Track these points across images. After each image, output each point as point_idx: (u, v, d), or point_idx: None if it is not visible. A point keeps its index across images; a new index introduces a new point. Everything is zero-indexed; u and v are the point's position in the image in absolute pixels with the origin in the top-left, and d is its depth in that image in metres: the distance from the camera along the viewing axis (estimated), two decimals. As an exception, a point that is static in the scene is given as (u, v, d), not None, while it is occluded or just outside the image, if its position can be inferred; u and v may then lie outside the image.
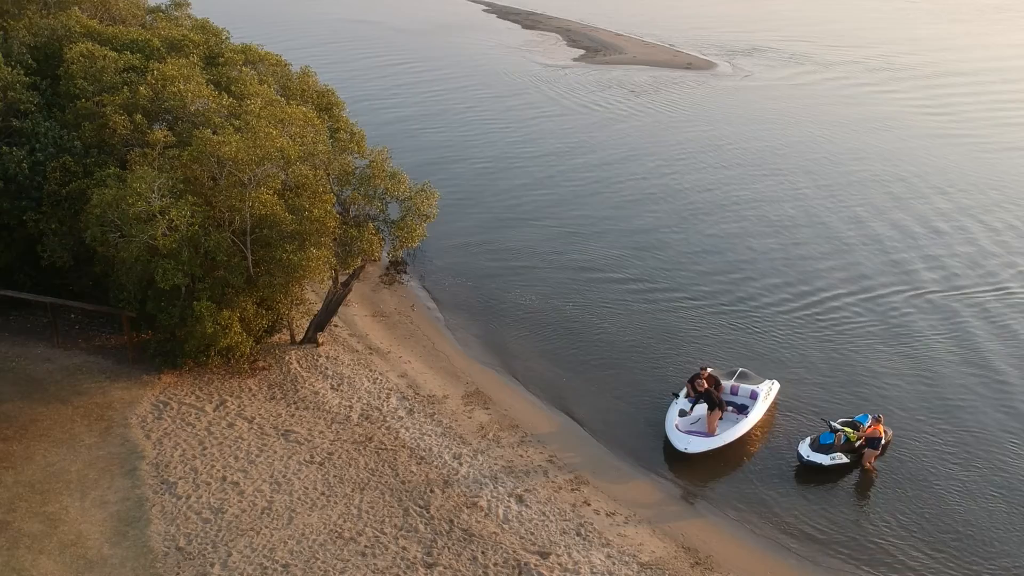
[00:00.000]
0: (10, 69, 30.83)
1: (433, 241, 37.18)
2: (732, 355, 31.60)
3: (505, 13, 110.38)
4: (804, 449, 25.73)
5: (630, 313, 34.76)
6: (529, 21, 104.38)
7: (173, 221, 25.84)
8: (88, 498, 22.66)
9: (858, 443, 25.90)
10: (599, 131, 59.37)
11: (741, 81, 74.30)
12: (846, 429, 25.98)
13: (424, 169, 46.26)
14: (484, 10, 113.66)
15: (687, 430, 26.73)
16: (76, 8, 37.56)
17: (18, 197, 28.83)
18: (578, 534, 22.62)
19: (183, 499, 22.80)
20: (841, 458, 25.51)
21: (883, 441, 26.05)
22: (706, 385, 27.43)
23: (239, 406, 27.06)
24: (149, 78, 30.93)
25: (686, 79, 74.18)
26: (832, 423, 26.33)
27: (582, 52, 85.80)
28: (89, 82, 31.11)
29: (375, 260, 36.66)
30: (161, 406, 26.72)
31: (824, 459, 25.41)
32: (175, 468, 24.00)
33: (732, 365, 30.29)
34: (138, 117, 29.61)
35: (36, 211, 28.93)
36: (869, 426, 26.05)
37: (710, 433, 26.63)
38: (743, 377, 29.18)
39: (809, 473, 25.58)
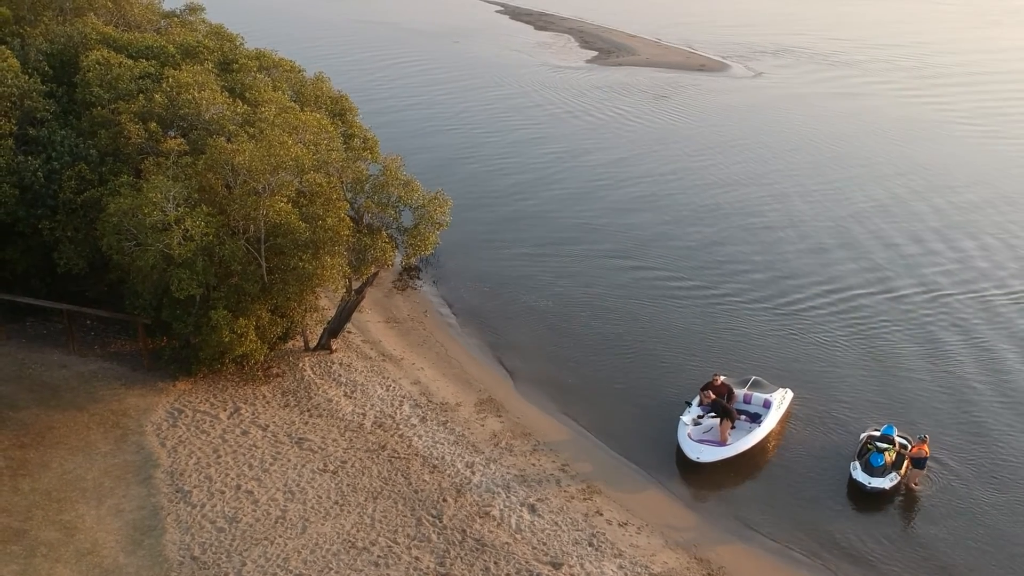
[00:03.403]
0: (27, 77, 31.03)
1: (447, 246, 37.21)
2: (745, 362, 31.51)
3: (518, 14, 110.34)
4: (862, 476, 25.09)
5: (644, 320, 34.72)
6: (542, 22, 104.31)
7: (188, 231, 25.98)
8: (104, 506, 22.82)
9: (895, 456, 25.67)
10: (612, 133, 59.33)
11: (754, 83, 74.11)
12: (885, 445, 25.60)
13: (437, 172, 46.40)
14: (497, 11, 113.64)
15: (699, 439, 26.71)
16: (92, 14, 37.76)
17: (34, 205, 29.02)
18: (590, 544, 22.64)
19: (198, 508, 22.93)
20: (896, 478, 25.15)
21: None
22: (712, 396, 27.39)
23: (253, 413, 27.20)
24: (164, 85, 31.09)
25: (700, 81, 74.01)
26: (878, 443, 25.76)
27: (595, 53, 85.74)
28: (105, 89, 31.26)
29: (388, 266, 36.74)
30: (176, 413, 26.88)
31: (885, 483, 24.90)
32: (190, 476, 24.14)
33: (745, 373, 30.23)
34: (152, 125, 29.77)
35: (52, 219, 29.11)
36: (914, 446, 25.58)
37: (722, 442, 26.60)
38: (756, 385, 29.13)
39: (823, 483, 25.53)
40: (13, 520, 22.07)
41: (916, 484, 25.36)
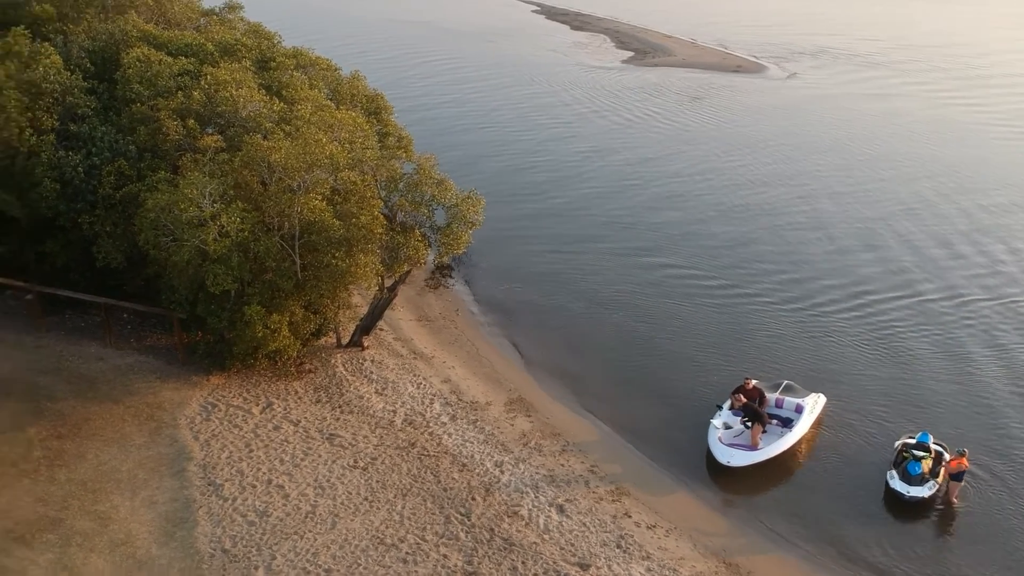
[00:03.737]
0: (69, 74, 31.52)
1: (479, 244, 37.22)
2: (777, 365, 31.25)
3: (554, 14, 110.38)
4: (900, 486, 24.71)
5: (675, 321, 34.58)
6: (578, 22, 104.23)
7: (224, 227, 26.26)
8: (138, 498, 23.13)
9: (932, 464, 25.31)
10: (645, 133, 59.15)
11: (789, 84, 73.49)
12: (922, 453, 25.23)
13: (469, 169, 46.52)
14: (533, 11, 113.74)
15: (730, 443, 26.52)
16: (133, 12, 38.26)
17: (74, 200, 29.49)
18: (618, 546, 22.58)
19: (229, 501, 23.16)
20: (935, 486, 24.78)
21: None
22: (743, 399, 27.21)
23: (285, 409, 27.42)
24: (203, 83, 31.42)
25: (735, 82, 73.53)
26: (914, 451, 25.45)
27: (631, 54, 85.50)
28: (144, 86, 31.66)
29: (421, 265, 36.90)
30: (209, 407, 27.16)
31: (924, 492, 24.55)
32: (222, 470, 24.38)
33: (777, 376, 29.97)
34: (190, 122, 30.12)
35: (91, 213, 29.56)
36: (953, 459, 25.06)
37: (753, 447, 26.40)
38: (789, 390, 28.89)
39: (856, 491, 25.24)
40: (50, 509, 22.44)
41: (955, 498, 24.94)
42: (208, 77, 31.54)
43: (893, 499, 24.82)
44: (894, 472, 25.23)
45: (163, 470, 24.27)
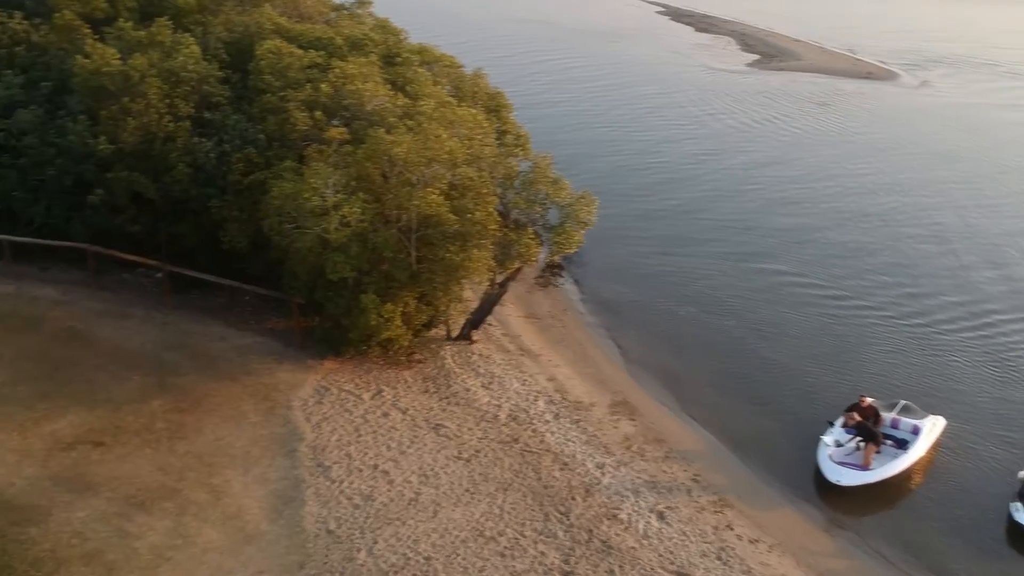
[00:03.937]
0: (206, 63, 32.93)
1: (590, 244, 37.19)
2: (895, 384, 30.15)
3: (679, 15, 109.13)
4: None
5: (789, 331, 33.77)
6: (703, 24, 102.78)
7: (345, 217, 26.99)
8: (250, 474, 23.96)
9: None
10: (766, 136, 57.95)
11: (920, 92, 70.82)
12: None
13: (582, 167, 46.35)
14: (658, 12, 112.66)
15: (841, 461, 25.75)
16: (268, 5, 39.68)
17: (206, 184, 30.81)
18: (718, 558, 22.23)
19: (336, 483, 23.77)
20: None
21: None
22: (857, 417, 26.37)
23: (394, 396, 27.98)
24: (331, 76, 32.31)
25: (864, 89, 71.26)
26: None
27: (756, 57, 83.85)
28: (275, 78, 32.78)
29: (532, 262, 37.09)
30: (322, 391, 27.94)
31: None
32: (331, 452, 25.04)
33: (894, 396, 28.92)
34: (318, 114, 31.02)
35: (220, 198, 30.80)
36: None
37: (865, 467, 25.58)
38: (906, 410, 27.82)
39: (976, 522, 24.11)
40: (169, 479, 23.50)
41: None
42: (336, 70, 32.42)
43: (1016, 533, 23.62)
44: (1019, 504, 24.00)
45: (275, 449, 25.10)
